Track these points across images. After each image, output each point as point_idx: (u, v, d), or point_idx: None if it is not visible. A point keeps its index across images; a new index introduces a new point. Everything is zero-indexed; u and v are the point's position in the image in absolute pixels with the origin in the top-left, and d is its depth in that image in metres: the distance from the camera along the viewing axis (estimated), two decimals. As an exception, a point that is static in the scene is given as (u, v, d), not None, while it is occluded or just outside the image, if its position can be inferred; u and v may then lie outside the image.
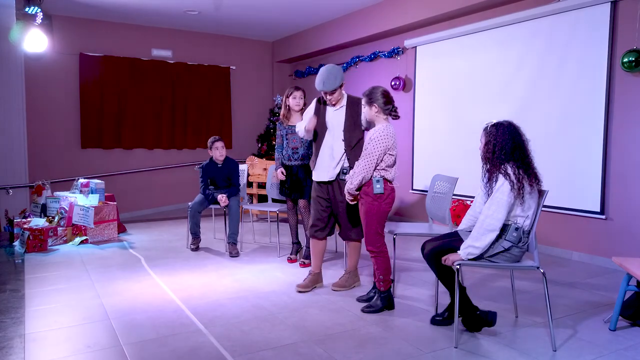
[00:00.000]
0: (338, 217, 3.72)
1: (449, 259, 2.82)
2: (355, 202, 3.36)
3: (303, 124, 3.78)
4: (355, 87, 7.63)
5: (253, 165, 6.75)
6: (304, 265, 4.48)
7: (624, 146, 4.44)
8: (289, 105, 4.50)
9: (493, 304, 3.44)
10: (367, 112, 3.29)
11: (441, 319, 3.09)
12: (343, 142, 3.60)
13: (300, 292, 3.74)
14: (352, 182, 3.26)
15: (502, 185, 2.71)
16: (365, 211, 3.28)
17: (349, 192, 3.31)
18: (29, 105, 6.72)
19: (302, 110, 4.43)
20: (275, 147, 4.64)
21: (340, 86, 3.63)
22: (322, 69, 3.58)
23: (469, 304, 2.96)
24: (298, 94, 4.47)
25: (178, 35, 8.07)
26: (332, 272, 4.31)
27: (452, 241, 2.95)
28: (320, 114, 3.71)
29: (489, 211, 2.73)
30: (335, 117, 3.65)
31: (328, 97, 3.60)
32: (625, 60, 4.29)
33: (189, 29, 8.11)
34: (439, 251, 2.92)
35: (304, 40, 8.15)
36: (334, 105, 3.67)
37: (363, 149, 3.27)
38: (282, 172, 4.49)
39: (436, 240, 3.02)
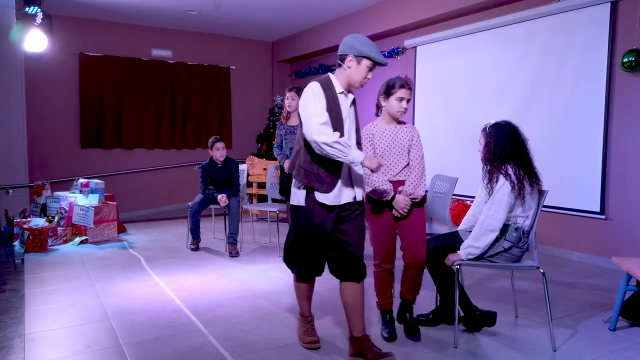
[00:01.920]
0: (353, 247, 2.53)
1: (449, 259, 2.82)
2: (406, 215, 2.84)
3: (354, 154, 2.36)
4: (355, 87, 7.63)
5: (253, 165, 6.75)
6: (304, 265, 4.47)
7: (624, 146, 4.44)
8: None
9: (493, 304, 3.43)
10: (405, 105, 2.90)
11: (424, 320, 3.09)
12: (357, 146, 2.60)
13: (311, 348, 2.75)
14: (419, 188, 2.82)
15: (503, 186, 2.71)
16: (420, 220, 2.88)
17: (411, 201, 2.81)
18: (29, 105, 6.72)
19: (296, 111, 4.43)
20: (274, 146, 4.65)
21: None
22: (363, 37, 2.52)
23: (469, 304, 2.96)
24: (290, 94, 4.46)
25: (178, 35, 8.07)
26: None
27: (452, 241, 2.95)
28: (335, 106, 2.48)
29: (489, 212, 2.73)
30: (350, 112, 2.57)
31: (369, 77, 2.55)
32: (625, 60, 4.29)
33: (189, 29, 8.11)
34: (439, 250, 2.92)
35: (304, 40, 8.15)
36: (349, 92, 2.58)
37: (411, 152, 2.88)
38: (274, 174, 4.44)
39: (436, 240, 3.02)
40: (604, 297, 3.67)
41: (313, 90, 2.46)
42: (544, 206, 2.86)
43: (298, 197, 2.56)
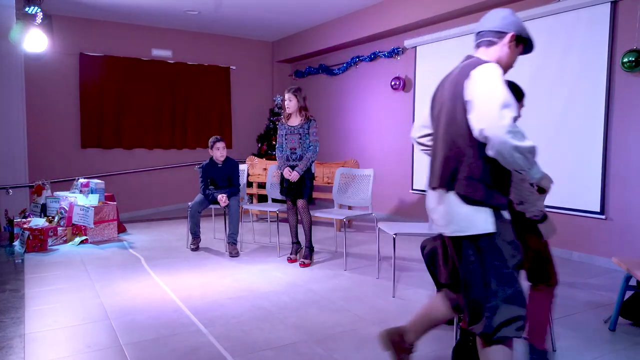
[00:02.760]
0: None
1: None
2: None
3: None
4: (355, 87, 7.63)
5: (253, 165, 6.75)
6: (303, 265, 4.48)
7: (624, 146, 4.44)
8: None
9: (493, 304, 3.43)
10: None
11: None
12: None
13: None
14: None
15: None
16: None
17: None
18: (29, 105, 6.71)
19: (299, 110, 4.46)
20: (276, 146, 4.66)
21: None
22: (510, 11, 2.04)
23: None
24: (287, 95, 4.54)
25: (178, 35, 8.06)
26: (332, 272, 4.31)
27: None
28: None
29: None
30: None
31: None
32: (625, 60, 4.29)
33: (189, 29, 8.11)
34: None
35: (304, 40, 8.15)
36: None
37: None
38: (289, 170, 4.47)
39: (436, 240, 3.02)
40: (604, 297, 3.67)
41: (499, 73, 1.81)
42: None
43: (480, 221, 1.84)
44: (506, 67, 1.99)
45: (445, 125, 1.95)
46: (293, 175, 4.41)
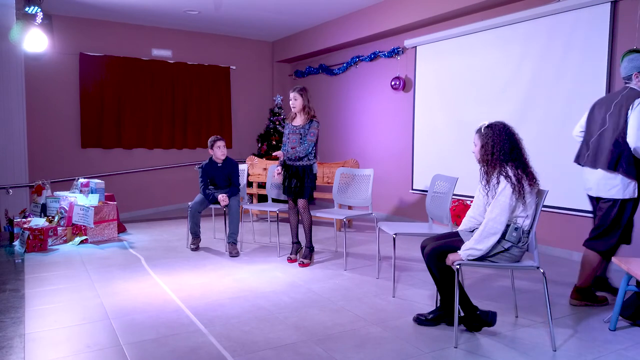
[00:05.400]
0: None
1: (449, 258, 2.83)
2: None
3: None
4: (355, 87, 7.63)
5: (253, 165, 6.75)
6: (303, 265, 4.48)
7: (624, 146, 4.43)
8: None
9: (493, 304, 3.43)
10: None
11: (424, 319, 3.09)
12: None
13: None
14: None
15: (505, 189, 2.71)
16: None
17: None
18: (29, 105, 6.72)
19: (304, 110, 4.47)
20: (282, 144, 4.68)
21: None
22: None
23: (469, 303, 2.97)
24: (292, 94, 4.53)
25: (178, 35, 8.07)
26: (332, 272, 4.31)
27: (453, 241, 2.95)
28: None
29: (492, 214, 2.73)
30: None
31: None
32: (625, 60, 4.28)
33: (189, 29, 8.11)
34: (439, 251, 2.92)
35: (304, 40, 8.16)
36: None
37: None
38: (277, 172, 4.56)
39: (436, 240, 3.03)
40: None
41: None
42: (544, 206, 2.87)
43: (629, 190, 3.25)
44: None
45: (612, 130, 3.25)
46: (278, 153, 4.48)
